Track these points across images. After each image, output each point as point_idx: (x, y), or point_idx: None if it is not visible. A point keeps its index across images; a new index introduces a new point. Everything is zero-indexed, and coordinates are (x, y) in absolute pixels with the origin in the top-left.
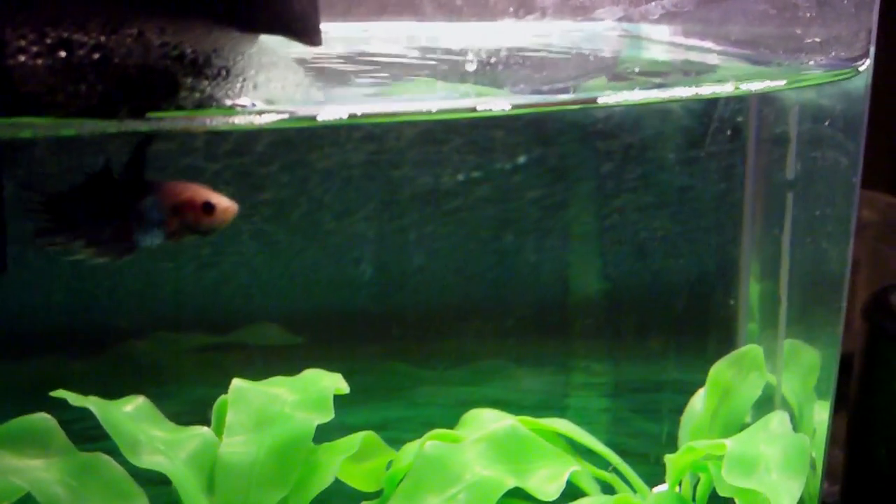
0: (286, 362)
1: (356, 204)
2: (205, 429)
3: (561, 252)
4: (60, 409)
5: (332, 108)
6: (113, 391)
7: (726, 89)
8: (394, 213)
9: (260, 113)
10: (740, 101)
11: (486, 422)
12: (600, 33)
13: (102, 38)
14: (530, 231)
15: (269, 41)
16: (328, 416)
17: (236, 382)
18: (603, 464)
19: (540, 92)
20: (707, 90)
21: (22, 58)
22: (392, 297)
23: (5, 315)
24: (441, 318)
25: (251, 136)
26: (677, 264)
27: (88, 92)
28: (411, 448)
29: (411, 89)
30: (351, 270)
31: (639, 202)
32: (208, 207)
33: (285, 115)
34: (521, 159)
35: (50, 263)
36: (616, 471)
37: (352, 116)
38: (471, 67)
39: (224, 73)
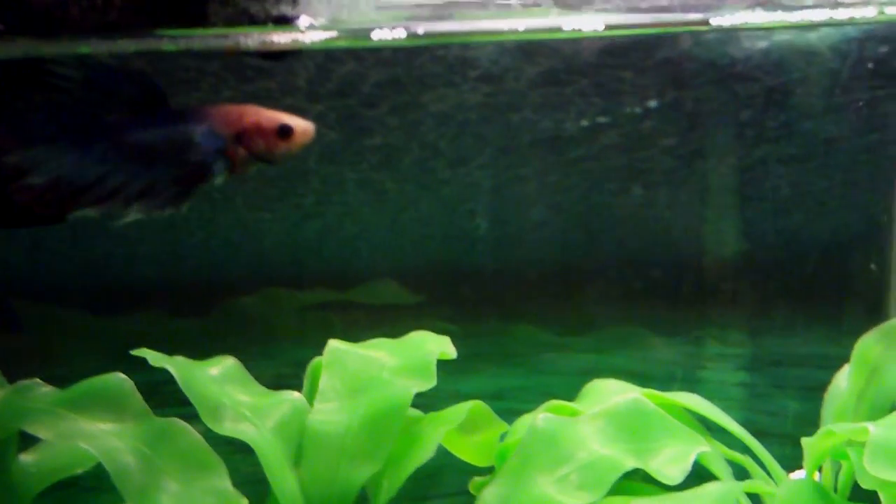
0: (396, 323)
1: (471, 151)
2: (295, 394)
3: (695, 207)
4: (151, 369)
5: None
6: (212, 349)
7: (867, 13)
8: (512, 162)
9: (303, 31)
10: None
11: (610, 394)
12: None
13: None
14: (661, 183)
15: None
16: (430, 382)
17: (332, 344)
18: (737, 444)
19: (638, 10)
20: (844, 14)
21: None
22: (510, 253)
23: (100, 268)
24: (564, 278)
25: (357, 75)
26: (823, 224)
27: (105, 5)
28: (526, 421)
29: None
30: (465, 224)
31: (780, 153)
32: (285, 131)
33: (333, 33)
34: (653, 103)
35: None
36: (750, 452)
37: (412, 36)
38: None
39: None
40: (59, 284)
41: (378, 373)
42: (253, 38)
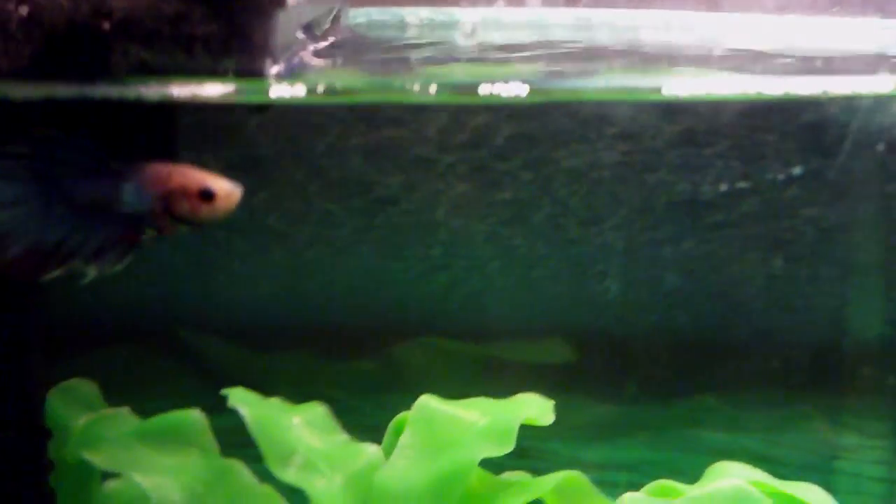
0: (517, 383)
1: (605, 210)
2: (373, 447)
3: (838, 284)
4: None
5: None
6: (346, 394)
7: None
8: (646, 224)
9: (201, 82)
10: None
11: (730, 477)
12: None
13: None
14: (804, 256)
15: None
16: (506, 447)
17: (423, 400)
18: None
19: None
20: None
21: None
22: (640, 320)
23: (252, 308)
24: (697, 350)
25: (491, 127)
26: None
27: (16, 53)
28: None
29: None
30: (595, 286)
31: None
32: (207, 194)
33: (230, 89)
34: (796, 170)
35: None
36: None
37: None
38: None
39: (158, 33)
40: (226, 319)
41: (460, 434)
42: (152, 90)
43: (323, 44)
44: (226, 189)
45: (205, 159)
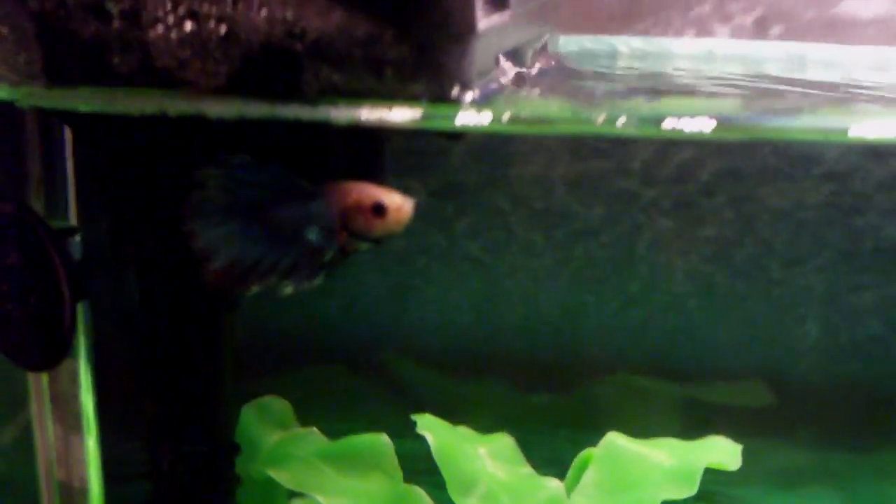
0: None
1: (808, 252)
2: (555, 482)
3: None
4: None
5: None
6: (535, 426)
7: None
8: (850, 268)
9: (389, 105)
10: None
11: None
12: None
13: (228, 9)
14: None
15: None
16: (689, 491)
17: (610, 437)
18: None
19: None
20: None
21: (159, 29)
22: (839, 367)
23: (448, 335)
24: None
25: (696, 162)
26: None
27: (216, 69)
28: None
29: None
30: (794, 329)
31: None
32: (378, 209)
33: (418, 114)
34: None
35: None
36: None
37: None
38: None
39: (345, 57)
40: (421, 344)
41: (644, 474)
42: (340, 112)
43: (527, 70)
44: (396, 203)
45: (408, 185)
